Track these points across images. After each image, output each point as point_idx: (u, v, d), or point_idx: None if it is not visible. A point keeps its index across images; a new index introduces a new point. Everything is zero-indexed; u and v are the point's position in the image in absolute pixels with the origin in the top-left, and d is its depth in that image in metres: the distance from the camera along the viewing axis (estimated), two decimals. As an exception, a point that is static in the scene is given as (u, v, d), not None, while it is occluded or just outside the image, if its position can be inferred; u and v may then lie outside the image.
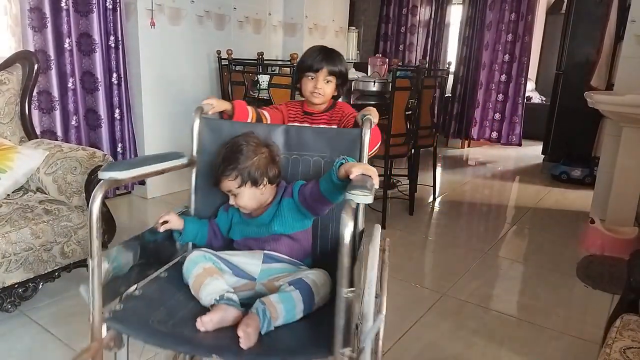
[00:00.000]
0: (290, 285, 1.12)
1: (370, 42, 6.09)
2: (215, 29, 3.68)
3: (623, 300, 1.36)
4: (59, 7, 2.73)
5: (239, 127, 1.39)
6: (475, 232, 3.16)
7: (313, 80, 1.51)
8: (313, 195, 1.23)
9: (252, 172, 1.23)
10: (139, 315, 1.08)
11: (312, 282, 1.14)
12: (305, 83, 1.53)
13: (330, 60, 1.53)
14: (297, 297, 1.10)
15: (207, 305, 1.11)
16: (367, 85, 3.44)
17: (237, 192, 1.25)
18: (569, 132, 4.43)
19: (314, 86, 1.51)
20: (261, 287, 1.19)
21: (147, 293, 1.18)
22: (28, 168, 2.01)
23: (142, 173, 1.19)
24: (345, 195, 0.96)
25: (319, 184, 1.21)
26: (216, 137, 1.39)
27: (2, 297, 1.77)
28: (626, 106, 2.59)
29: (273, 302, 1.07)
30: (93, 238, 1.03)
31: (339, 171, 1.12)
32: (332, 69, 1.52)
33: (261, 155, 1.26)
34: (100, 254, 1.05)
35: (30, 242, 1.80)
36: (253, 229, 1.29)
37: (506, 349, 1.82)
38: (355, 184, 1.00)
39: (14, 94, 2.21)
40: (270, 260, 1.24)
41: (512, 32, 5.09)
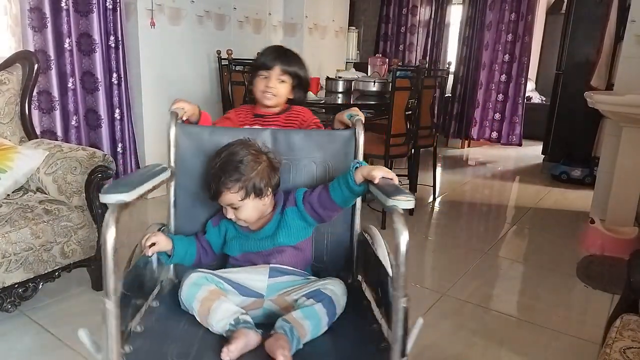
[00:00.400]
0: (309, 299, 1.07)
1: (370, 42, 6.09)
2: (215, 29, 3.68)
3: (623, 300, 1.36)
4: (59, 7, 2.73)
5: (220, 133, 1.28)
6: (475, 232, 3.16)
7: (265, 79, 1.43)
8: (323, 202, 1.19)
9: (256, 183, 1.15)
10: (154, 354, 0.99)
11: (332, 293, 1.10)
12: (257, 82, 1.45)
13: (285, 59, 1.45)
14: (320, 311, 1.06)
15: (220, 332, 1.04)
16: (367, 85, 3.44)
17: (240, 205, 1.16)
18: (569, 132, 4.43)
19: (265, 85, 1.43)
20: (270, 303, 1.13)
21: (149, 328, 1.07)
22: (28, 168, 2.01)
23: (145, 191, 1.05)
24: (387, 202, 0.96)
25: (329, 190, 1.18)
26: (196, 145, 1.27)
27: (2, 297, 1.77)
28: (626, 106, 2.59)
29: (298, 320, 1.02)
30: (109, 273, 0.87)
31: (356, 175, 1.11)
32: (285, 68, 1.44)
33: (263, 164, 1.18)
34: (119, 292, 0.90)
35: (30, 242, 1.80)
36: (254, 242, 1.21)
37: (506, 349, 1.82)
38: (387, 188, 1.00)
39: (14, 94, 2.21)
40: (277, 274, 1.17)
41: (512, 32, 5.08)
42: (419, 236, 2.99)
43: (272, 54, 1.46)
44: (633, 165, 2.77)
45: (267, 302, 1.13)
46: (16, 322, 1.85)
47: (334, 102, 3.20)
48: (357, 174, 1.12)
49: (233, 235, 1.24)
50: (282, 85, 1.44)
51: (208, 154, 1.25)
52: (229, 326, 1.02)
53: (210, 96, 3.82)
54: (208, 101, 3.82)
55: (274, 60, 1.43)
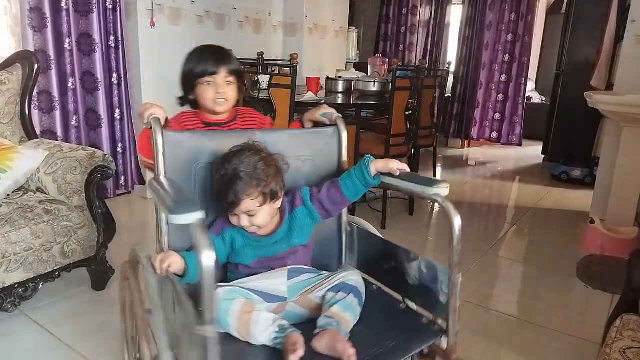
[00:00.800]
0: (338, 292, 1.11)
1: (370, 42, 6.09)
2: (215, 29, 3.68)
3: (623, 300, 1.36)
4: (59, 7, 2.73)
5: (198, 138, 1.21)
6: (475, 232, 3.16)
7: (212, 85, 1.33)
8: (333, 199, 1.20)
9: (273, 188, 1.12)
10: None
11: (356, 284, 1.14)
12: (204, 91, 1.33)
13: (227, 58, 1.37)
14: (354, 302, 1.11)
15: (266, 342, 1.03)
16: (367, 85, 3.44)
17: (257, 211, 1.12)
18: (569, 132, 4.43)
19: (215, 92, 1.32)
20: (292, 305, 1.14)
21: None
22: (28, 168, 2.01)
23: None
24: (428, 191, 1.11)
25: (340, 186, 1.20)
26: (178, 152, 1.17)
27: (2, 297, 1.77)
28: (626, 106, 2.59)
29: (339, 313, 1.07)
30: (209, 299, 0.82)
31: (370, 169, 1.17)
32: (231, 68, 1.36)
33: (275, 167, 1.15)
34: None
35: (30, 242, 1.80)
36: (268, 247, 1.19)
37: (506, 349, 1.82)
38: (418, 179, 1.16)
39: (14, 94, 2.21)
40: (295, 275, 1.17)
41: (512, 32, 5.08)
42: (419, 236, 2.99)
43: (211, 56, 1.36)
44: (633, 165, 2.77)
45: (289, 305, 1.14)
46: (16, 322, 1.85)
47: (334, 102, 3.20)
48: (371, 167, 1.17)
49: (243, 243, 1.19)
50: (230, 88, 1.36)
51: (198, 161, 1.19)
52: (275, 334, 1.02)
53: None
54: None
55: (218, 63, 1.34)
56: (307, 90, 3.33)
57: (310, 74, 4.01)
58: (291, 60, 2.84)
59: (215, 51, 1.40)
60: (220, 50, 1.41)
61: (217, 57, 1.36)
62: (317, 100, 3.13)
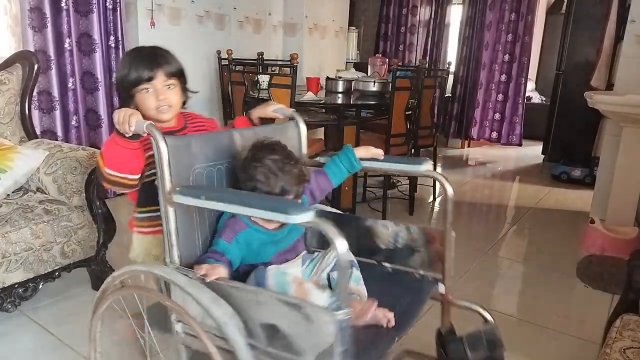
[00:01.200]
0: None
1: (370, 42, 6.09)
2: (215, 29, 3.68)
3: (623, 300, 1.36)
4: (59, 7, 2.74)
5: (192, 142, 1.13)
6: (475, 232, 3.16)
7: (151, 92, 1.20)
8: (322, 186, 1.30)
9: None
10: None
11: (351, 257, 1.22)
12: (144, 100, 1.20)
13: (163, 59, 1.24)
14: (357, 274, 1.22)
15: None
16: (367, 85, 3.44)
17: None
18: (569, 132, 4.43)
19: (156, 99, 1.20)
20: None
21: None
22: (28, 168, 2.01)
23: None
24: (421, 168, 1.31)
25: (327, 174, 1.30)
26: (177, 158, 1.08)
27: (2, 297, 1.77)
28: (626, 106, 2.59)
29: (355, 287, 1.18)
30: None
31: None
32: (169, 70, 1.23)
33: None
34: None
35: (30, 242, 1.80)
36: (285, 239, 1.20)
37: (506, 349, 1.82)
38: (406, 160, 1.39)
39: (14, 94, 2.21)
40: (305, 260, 1.24)
41: (512, 32, 5.08)
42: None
43: (144, 60, 1.22)
44: (633, 165, 2.77)
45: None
46: (16, 322, 1.85)
47: (334, 102, 3.20)
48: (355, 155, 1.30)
49: (261, 242, 1.16)
50: (172, 92, 1.24)
51: (194, 166, 1.13)
52: (330, 299, 1.05)
53: (210, 96, 3.82)
54: (208, 101, 3.82)
55: (152, 66, 1.20)
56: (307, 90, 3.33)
57: (310, 74, 4.01)
58: (291, 60, 2.84)
59: (149, 53, 1.25)
60: (154, 52, 1.26)
61: (150, 60, 1.22)
62: (317, 100, 3.13)
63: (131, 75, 1.20)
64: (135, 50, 1.28)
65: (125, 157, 1.12)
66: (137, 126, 1.07)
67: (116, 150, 1.13)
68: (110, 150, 1.13)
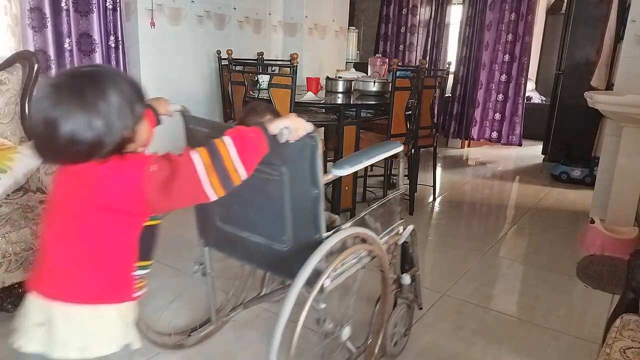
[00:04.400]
0: None
1: (370, 42, 6.09)
2: (215, 29, 3.68)
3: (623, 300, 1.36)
4: (59, 7, 2.73)
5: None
6: (475, 232, 3.16)
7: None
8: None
9: None
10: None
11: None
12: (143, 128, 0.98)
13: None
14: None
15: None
16: (367, 85, 3.43)
17: None
18: (569, 132, 4.43)
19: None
20: None
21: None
22: (28, 168, 2.01)
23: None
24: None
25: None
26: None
27: (2, 297, 1.77)
28: (626, 106, 2.59)
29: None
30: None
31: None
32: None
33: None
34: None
35: (30, 242, 1.80)
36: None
37: (506, 349, 1.82)
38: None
39: (14, 94, 2.21)
40: None
41: (512, 32, 5.08)
42: (419, 236, 2.98)
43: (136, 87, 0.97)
44: (633, 165, 2.77)
45: None
46: (16, 322, 1.85)
47: (334, 102, 3.19)
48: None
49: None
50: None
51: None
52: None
53: (210, 96, 3.82)
54: (208, 101, 3.82)
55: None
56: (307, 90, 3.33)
57: (310, 74, 4.01)
58: (291, 60, 2.83)
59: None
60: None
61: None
62: (317, 100, 3.13)
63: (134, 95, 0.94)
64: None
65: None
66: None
67: (261, 154, 1.04)
68: (257, 138, 1.03)
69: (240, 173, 0.97)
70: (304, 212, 1.27)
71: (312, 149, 1.19)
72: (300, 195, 1.25)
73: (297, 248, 1.31)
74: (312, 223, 1.27)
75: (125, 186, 0.91)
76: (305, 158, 1.20)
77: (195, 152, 0.94)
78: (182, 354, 1.70)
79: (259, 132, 1.02)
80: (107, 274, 0.97)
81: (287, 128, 1.08)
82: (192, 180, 0.93)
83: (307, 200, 1.24)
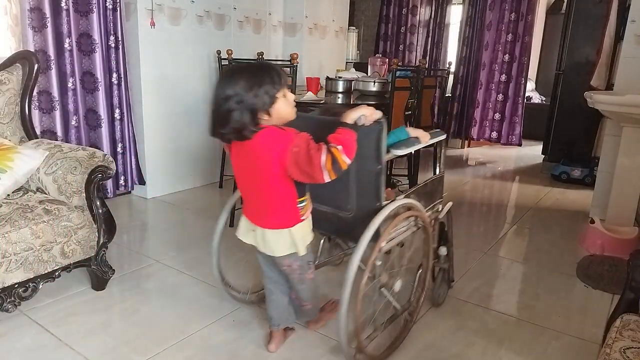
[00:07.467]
0: None
1: (370, 42, 6.09)
2: (215, 29, 3.68)
3: (623, 300, 1.36)
4: (59, 7, 2.73)
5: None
6: (475, 232, 3.16)
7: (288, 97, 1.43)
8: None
9: None
10: None
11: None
12: (287, 102, 1.42)
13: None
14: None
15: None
16: (367, 85, 3.44)
17: None
18: (569, 132, 4.43)
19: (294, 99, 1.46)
20: None
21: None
22: (28, 168, 2.01)
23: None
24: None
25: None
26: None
27: (2, 297, 1.77)
28: (626, 106, 2.59)
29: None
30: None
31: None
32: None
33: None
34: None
35: (30, 242, 1.80)
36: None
37: (506, 349, 1.82)
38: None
39: (14, 94, 2.21)
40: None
41: (512, 32, 5.08)
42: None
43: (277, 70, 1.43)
44: (633, 165, 2.77)
45: None
46: (16, 322, 1.85)
47: (334, 102, 3.20)
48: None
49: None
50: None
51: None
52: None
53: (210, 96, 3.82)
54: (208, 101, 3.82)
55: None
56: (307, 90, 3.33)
57: (310, 74, 4.01)
58: (291, 60, 2.83)
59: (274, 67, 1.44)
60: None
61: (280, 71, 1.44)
62: (317, 100, 3.13)
63: (283, 78, 1.39)
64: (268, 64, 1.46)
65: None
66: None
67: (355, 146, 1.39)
68: (355, 143, 1.38)
69: (347, 163, 1.36)
70: (367, 184, 1.54)
71: (379, 132, 1.46)
72: (366, 169, 1.51)
73: (361, 215, 1.57)
74: (374, 193, 1.54)
75: (276, 154, 1.36)
76: (372, 139, 1.46)
77: (324, 152, 1.32)
78: (184, 354, 1.71)
79: (353, 133, 1.38)
80: (284, 210, 1.49)
81: (363, 115, 1.40)
82: (317, 171, 1.34)
83: (372, 174, 1.52)
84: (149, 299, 2.09)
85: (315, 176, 1.34)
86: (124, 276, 2.26)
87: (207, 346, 1.76)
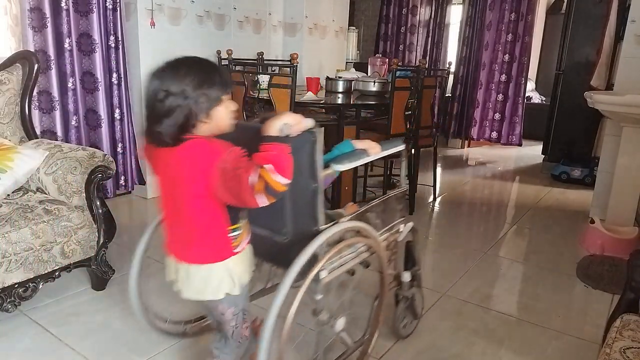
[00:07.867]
0: None
1: (370, 42, 6.09)
2: (215, 29, 3.68)
3: (623, 300, 1.36)
4: (59, 7, 2.73)
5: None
6: (475, 232, 3.16)
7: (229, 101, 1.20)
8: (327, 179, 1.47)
9: None
10: None
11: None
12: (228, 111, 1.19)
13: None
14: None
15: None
16: (367, 85, 3.44)
17: None
18: (569, 132, 4.43)
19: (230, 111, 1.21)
20: None
21: None
22: (28, 168, 2.01)
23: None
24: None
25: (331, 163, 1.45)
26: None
27: (2, 297, 1.77)
28: (626, 106, 2.59)
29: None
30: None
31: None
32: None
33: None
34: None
35: (30, 242, 1.80)
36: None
37: (506, 349, 1.82)
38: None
39: (14, 94, 2.21)
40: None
41: (512, 32, 5.08)
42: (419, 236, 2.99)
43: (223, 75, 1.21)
44: (633, 165, 2.77)
45: None
46: (16, 322, 1.85)
47: (334, 102, 3.19)
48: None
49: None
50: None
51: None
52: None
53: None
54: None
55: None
56: (307, 90, 3.33)
57: (310, 74, 4.01)
58: (291, 60, 2.83)
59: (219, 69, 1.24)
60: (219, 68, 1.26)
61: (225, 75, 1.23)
62: (317, 100, 3.13)
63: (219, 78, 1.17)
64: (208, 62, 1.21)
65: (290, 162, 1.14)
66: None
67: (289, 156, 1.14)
68: (288, 159, 1.13)
69: (284, 183, 1.11)
70: (303, 205, 1.31)
71: (312, 144, 1.22)
72: (300, 188, 1.27)
73: (297, 239, 1.34)
74: (310, 215, 1.31)
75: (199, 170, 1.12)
76: (304, 153, 1.23)
77: (255, 172, 1.08)
78: (180, 355, 1.70)
79: (282, 146, 1.12)
80: (210, 240, 1.22)
81: (287, 124, 1.14)
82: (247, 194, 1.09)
83: (307, 194, 1.28)
84: (149, 299, 2.08)
85: (246, 200, 1.09)
86: (124, 276, 2.26)
87: (204, 347, 1.75)
